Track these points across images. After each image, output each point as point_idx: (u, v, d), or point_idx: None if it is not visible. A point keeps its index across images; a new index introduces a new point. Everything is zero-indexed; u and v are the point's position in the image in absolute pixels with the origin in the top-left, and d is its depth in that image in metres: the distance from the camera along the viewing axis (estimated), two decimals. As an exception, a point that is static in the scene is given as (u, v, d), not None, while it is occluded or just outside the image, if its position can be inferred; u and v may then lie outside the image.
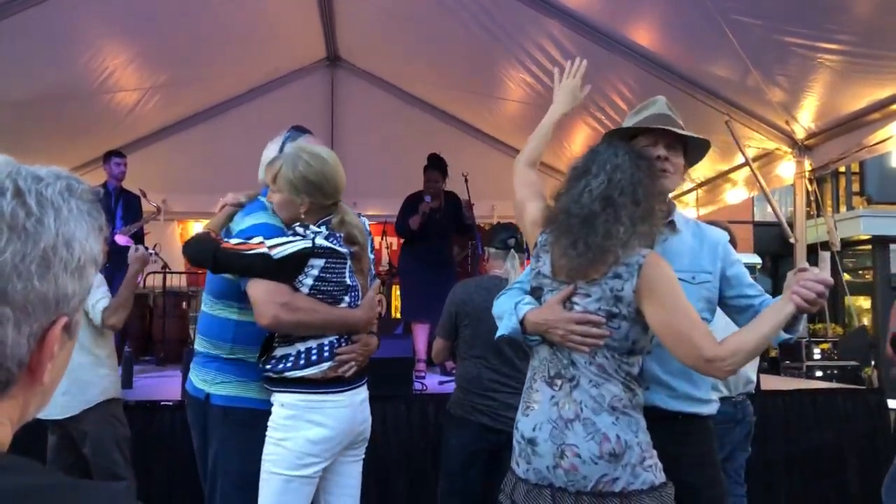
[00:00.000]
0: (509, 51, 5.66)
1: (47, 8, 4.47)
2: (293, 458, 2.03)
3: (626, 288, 1.71)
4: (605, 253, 1.71)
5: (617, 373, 1.73)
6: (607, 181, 1.76)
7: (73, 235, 0.64)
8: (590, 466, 1.66)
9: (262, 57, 6.87)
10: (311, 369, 2.07)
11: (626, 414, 1.70)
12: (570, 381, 1.74)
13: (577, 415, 1.70)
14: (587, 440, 1.67)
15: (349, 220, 2.16)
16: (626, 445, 1.67)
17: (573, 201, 1.78)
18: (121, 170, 5.88)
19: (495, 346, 2.83)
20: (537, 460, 1.73)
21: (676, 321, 1.69)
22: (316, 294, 2.07)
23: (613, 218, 1.72)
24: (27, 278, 0.61)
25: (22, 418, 0.67)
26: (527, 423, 1.79)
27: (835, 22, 3.87)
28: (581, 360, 1.74)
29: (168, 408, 3.84)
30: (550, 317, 1.76)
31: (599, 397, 1.70)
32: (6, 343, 0.61)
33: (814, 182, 5.56)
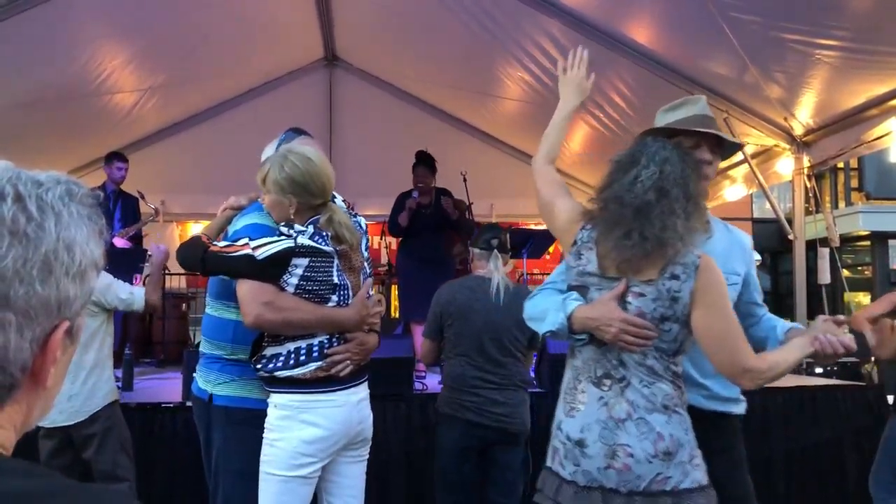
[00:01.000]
0: (508, 49, 5.66)
1: (45, 10, 4.46)
2: (288, 458, 2.04)
3: (683, 289, 1.69)
4: (663, 245, 1.68)
5: (666, 372, 1.72)
6: (659, 172, 1.72)
7: (74, 240, 0.64)
8: (644, 466, 1.64)
9: (260, 57, 6.87)
10: (301, 369, 2.07)
11: (677, 412, 1.70)
12: (619, 382, 1.71)
13: (629, 414, 1.68)
14: (641, 439, 1.66)
15: (337, 219, 2.13)
16: (679, 444, 1.67)
17: (625, 190, 1.73)
18: (121, 174, 5.88)
19: (479, 344, 2.95)
20: (586, 462, 1.70)
21: (723, 327, 1.69)
22: (302, 293, 2.07)
23: (669, 210, 1.68)
24: (29, 283, 0.61)
25: (26, 423, 0.67)
26: (573, 425, 1.74)
27: (832, 18, 3.87)
28: (631, 361, 1.71)
29: (169, 409, 3.84)
30: (605, 314, 1.70)
31: (652, 396, 1.68)
32: (9, 348, 0.61)
33: (812, 178, 5.56)
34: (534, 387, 4.41)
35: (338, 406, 2.09)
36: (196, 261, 2.13)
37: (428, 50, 6.55)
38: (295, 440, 2.04)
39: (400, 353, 3.92)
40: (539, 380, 4.43)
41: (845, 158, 5.79)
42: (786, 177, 5.65)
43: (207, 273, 2.20)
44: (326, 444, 2.07)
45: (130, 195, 5.98)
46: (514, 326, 2.97)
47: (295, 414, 2.06)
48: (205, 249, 2.12)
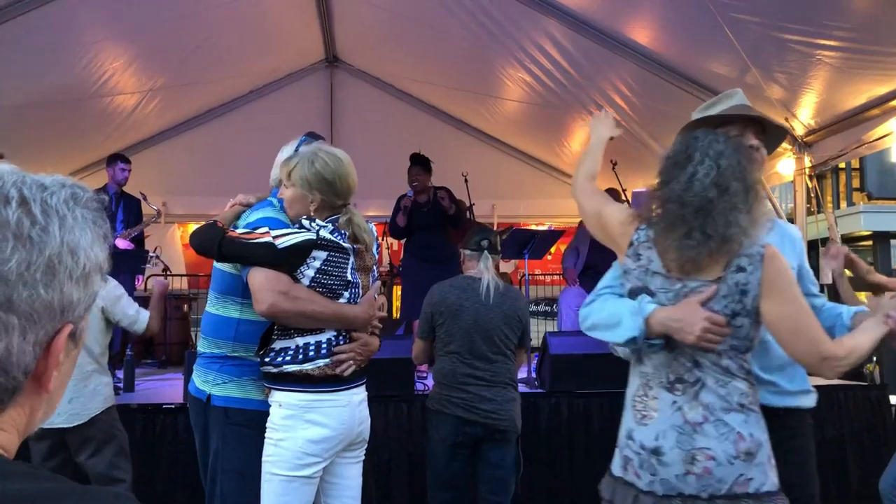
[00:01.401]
0: (508, 50, 5.66)
1: (46, 12, 4.47)
2: (292, 458, 2.04)
3: (751, 281, 1.65)
4: (727, 242, 1.64)
5: (740, 371, 1.68)
6: (716, 167, 1.67)
7: (78, 244, 0.65)
8: (726, 468, 1.60)
9: (261, 59, 6.87)
10: (309, 364, 2.08)
11: (753, 411, 1.66)
12: (693, 385, 1.67)
13: (705, 417, 1.63)
14: (721, 441, 1.61)
15: (356, 222, 2.20)
16: (759, 444, 1.63)
17: (683, 189, 1.68)
18: (125, 176, 5.87)
19: (469, 342, 3.01)
20: (664, 470, 1.64)
21: (797, 316, 1.65)
22: (316, 286, 2.09)
23: (731, 206, 1.64)
24: (32, 286, 0.61)
25: (29, 426, 0.67)
26: (647, 433, 1.69)
27: (833, 19, 3.87)
28: (707, 361, 1.67)
29: (170, 411, 3.84)
30: (689, 315, 1.65)
31: (728, 396, 1.64)
32: (12, 351, 0.61)
33: (814, 178, 5.55)
34: (535, 386, 4.42)
35: (342, 406, 2.11)
36: (213, 245, 2.10)
37: (428, 51, 6.55)
38: (300, 440, 2.04)
39: (401, 353, 3.92)
40: (540, 380, 4.43)
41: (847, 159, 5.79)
42: (787, 177, 5.64)
43: (222, 259, 2.16)
44: (331, 444, 2.08)
45: (132, 196, 5.99)
46: (503, 325, 3.05)
47: (300, 413, 2.06)
48: (222, 234, 2.10)
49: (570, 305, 5.57)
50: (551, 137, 7.36)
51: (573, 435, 4.16)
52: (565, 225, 7.34)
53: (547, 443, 4.13)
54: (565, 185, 8.09)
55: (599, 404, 4.18)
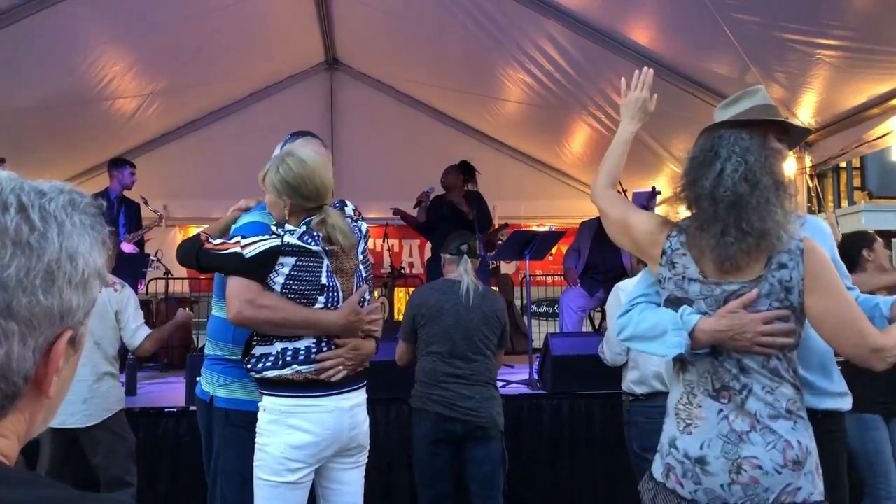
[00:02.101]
0: (508, 51, 5.66)
1: (46, 16, 4.47)
2: (275, 463, 2.04)
3: (794, 277, 1.61)
4: (766, 237, 1.61)
5: (787, 372, 1.64)
6: (744, 162, 1.64)
7: (77, 249, 0.65)
8: (773, 477, 1.56)
9: (261, 61, 6.88)
10: (289, 370, 2.07)
11: (801, 417, 1.62)
12: (739, 392, 1.63)
13: (752, 426, 1.59)
14: (768, 449, 1.57)
15: (331, 222, 2.12)
16: (807, 452, 1.60)
17: (714, 186, 1.65)
18: (133, 180, 5.89)
19: (450, 342, 3.12)
20: (709, 479, 1.61)
21: (842, 309, 1.61)
22: (288, 293, 2.07)
23: (765, 199, 1.61)
24: (32, 292, 0.61)
25: (28, 433, 0.67)
26: (692, 442, 1.65)
27: (833, 18, 3.87)
28: (754, 366, 1.63)
29: (172, 414, 3.84)
30: (735, 322, 1.61)
31: (775, 402, 1.61)
32: (12, 357, 0.61)
33: (815, 178, 5.55)
34: (537, 387, 4.42)
35: (327, 411, 2.07)
36: (192, 257, 2.18)
37: (429, 53, 6.55)
38: (282, 445, 2.03)
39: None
40: (542, 382, 4.43)
41: (847, 158, 5.78)
42: (788, 176, 5.64)
43: (202, 270, 2.22)
44: (315, 449, 2.06)
45: (133, 200, 5.99)
46: (483, 325, 3.16)
47: (282, 418, 2.05)
48: (200, 247, 2.16)
49: (572, 306, 5.56)
50: (552, 138, 7.36)
51: (575, 436, 4.16)
52: (566, 226, 7.33)
53: (549, 443, 4.13)
54: (566, 186, 8.09)
55: (601, 405, 4.18)
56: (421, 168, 7.26)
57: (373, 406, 3.82)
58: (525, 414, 4.13)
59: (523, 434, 4.09)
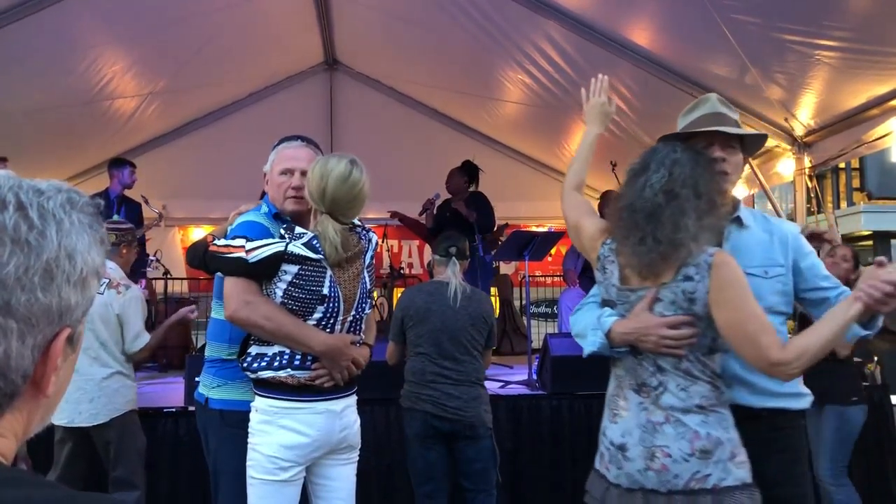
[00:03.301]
0: (507, 52, 5.66)
1: (46, 16, 4.47)
2: (267, 462, 2.07)
3: (699, 289, 1.70)
4: (676, 246, 1.70)
5: (703, 373, 1.74)
6: (668, 175, 1.75)
7: (75, 248, 0.65)
8: (681, 465, 1.67)
9: (261, 62, 6.88)
10: (283, 373, 2.10)
11: (714, 411, 1.72)
12: (656, 389, 1.75)
13: (666, 418, 1.72)
14: (677, 439, 1.69)
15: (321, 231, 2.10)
16: (717, 442, 1.69)
17: (636, 197, 1.78)
18: (133, 179, 5.90)
19: (437, 343, 3.19)
20: (628, 465, 1.74)
21: (744, 322, 1.68)
22: (288, 300, 2.09)
23: (679, 210, 1.71)
24: (30, 290, 0.61)
25: (26, 432, 0.67)
26: (615, 430, 1.80)
27: (832, 18, 3.87)
28: (668, 367, 1.74)
29: (171, 414, 3.84)
30: (640, 325, 1.75)
31: (688, 399, 1.71)
32: (10, 355, 0.61)
33: (814, 178, 5.55)
34: (536, 388, 4.42)
35: (317, 413, 2.11)
36: (199, 259, 2.24)
37: (428, 53, 6.55)
38: (274, 445, 2.07)
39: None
40: (541, 382, 4.43)
41: (846, 159, 5.78)
42: (787, 177, 5.64)
43: (210, 271, 2.27)
44: (306, 449, 2.10)
45: (133, 200, 5.98)
46: (470, 326, 3.22)
47: (274, 419, 2.09)
48: (206, 249, 2.20)
49: (571, 307, 5.54)
50: (551, 139, 7.36)
51: (574, 436, 4.16)
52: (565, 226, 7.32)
53: (548, 444, 4.13)
54: (566, 187, 8.09)
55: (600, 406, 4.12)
56: (420, 169, 7.26)
57: (372, 407, 3.86)
58: (524, 414, 4.13)
59: (523, 434, 4.09)
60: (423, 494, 3.20)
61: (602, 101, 2.27)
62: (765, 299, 1.88)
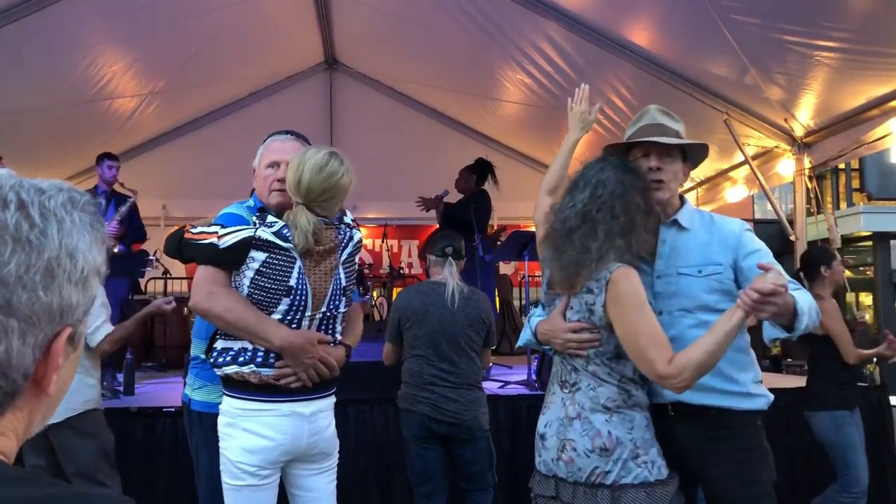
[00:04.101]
0: (507, 52, 5.67)
1: (45, 16, 4.47)
2: (232, 467, 2.02)
3: (597, 302, 1.85)
4: (579, 267, 1.85)
5: (610, 376, 1.86)
6: (589, 197, 1.89)
7: (77, 246, 0.65)
8: (583, 459, 1.81)
9: (260, 61, 6.88)
10: (247, 368, 2.02)
11: (619, 412, 1.84)
12: (573, 386, 1.90)
13: (578, 414, 1.86)
14: (582, 435, 1.83)
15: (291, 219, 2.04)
16: (618, 441, 1.80)
17: (558, 218, 1.95)
18: (112, 173, 5.70)
19: (435, 345, 3.16)
20: (545, 453, 1.92)
21: (635, 336, 1.78)
22: (254, 290, 2.02)
23: (590, 232, 1.86)
24: (32, 289, 0.61)
25: (28, 431, 0.67)
26: (542, 421, 1.98)
27: (832, 19, 3.87)
28: (579, 367, 1.90)
29: (170, 414, 3.83)
30: (550, 327, 1.95)
31: (595, 398, 1.85)
32: (11, 354, 0.61)
33: (813, 179, 5.56)
34: (536, 388, 4.42)
35: (282, 415, 2.02)
36: (174, 247, 2.16)
37: (428, 53, 6.56)
38: (237, 449, 2.01)
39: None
40: (540, 383, 4.42)
41: (846, 159, 5.79)
42: (787, 178, 5.65)
43: (185, 260, 2.19)
44: (271, 454, 2.02)
45: (124, 195, 5.85)
46: (467, 327, 3.20)
47: (237, 422, 2.02)
48: (181, 237, 2.13)
49: (570, 307, 5.56)
50: (550, 139, 7.35)
51: (574, 437, 4.16)
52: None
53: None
54: (565, 187, 8.11)
55: (600, 406, 4.17)
56: (420, 168, 7.27)
57: (370, 407, 3.85)
58: (523, 415, 4.13)
59: (522, 435, 4.09)
60: (422, 495, 3.19)
61: (583, 110, 2.44)
62: (698, 298, 1.99)
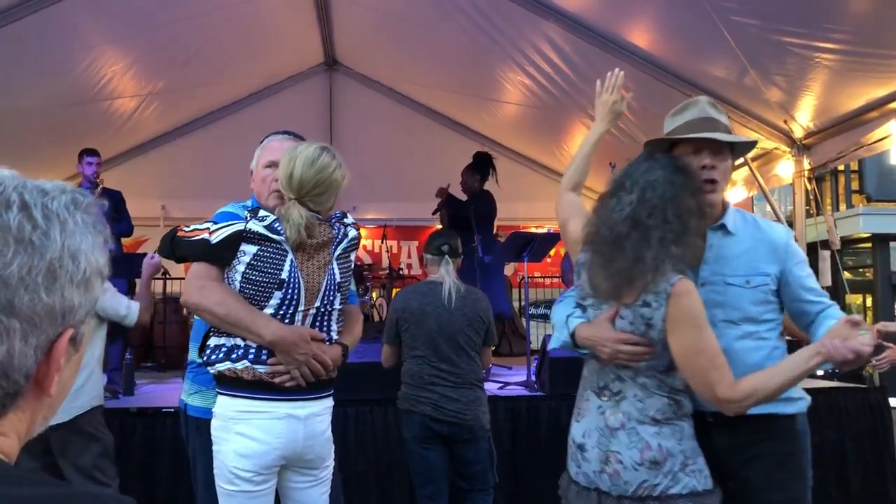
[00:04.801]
0: (507, 53, 5.67)
1: (45, 16, 4.47)
2: (226, 471, 1.98)
3: (655, 316, 1.72)
4: (632, 278, 1.72)
5: (660, 389, 1.76)
6: (637, 201, 1.73)
7: (79, 248, 0.65)
8: (631, 472, 1.72)
9: (260, 62, 6.88)
10: (240, 365, 1.98)
11: (669, 423, 1.74)
12: (616, 395, 1.79)
13: (622, 424, 1.76)
14: (629, 448, 1.73)
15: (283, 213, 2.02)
16: (668, 453, 1.72)
17: (603, 222, 1.79)
18: (93, 170, 5.54)
19: (434, 345, 3.14)
20: (586, 465, 1.80)
21: (694, 356, 1.69)
22: (246, 284, 1.99)
23: (642, 240, 1.70)
24: (34, 290, 0.62)
25: (29, 432, 0.67)
26: (577, 429, 1.87)
27: (831, 21, 3.88)
28: (627, 377, 1.78)
29: (170, 415, 3.83)
30: (599, 335, 1.80)
31: (644, 410, 1.75)
32: (13, 355, 0.61)
33: (813, 181, 5.55)
34: (535, 389, 4.42)
35: (277, 418, 1.97)
36: (167, 246, 2.14)
37: (428, 54, 6.56)
38: (230, 454, 1.96)
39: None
40: (540, 383, 4.43)
41: (845, 161, 5.80)
42: (786, 179, 5.65)
43: (178, 259, 2.16)
44: (265, 458, 1.96)
45: (112, 191, 5.72)
46: (466, 326, 3.17)
47: (230, 425, 1.98)
48: (173, 235, 2.12)
49: (570, 308, 5.55)
50: (550, 140, 7.37)
51: (573, 438, 4.15)
52: (564, 227, 7.33)
53: (546, 445, 4.13)
54: (565, 188, 8.10)
55: (599, 407, 4.17)
56: (420, 169, 7.26)
57: (370, 407, 3.85)
58: (523, 416, 4.13)
59: (521, 436, 4.09)
60: (426, 496, 3.17)
61: (614, 99, 2.20)
62: (746, 310, 1.87)
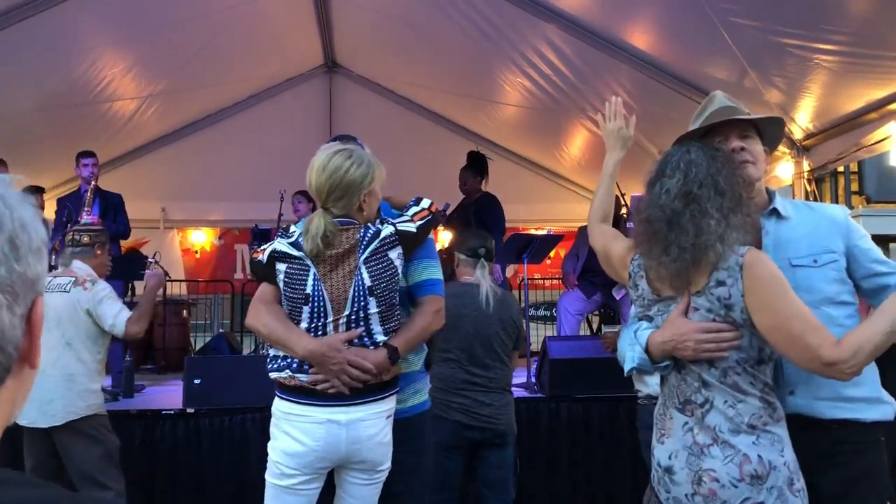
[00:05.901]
0: (507, 55, 5.67)
1: (46, 18, 4.48)
2: (273, 466, 2.09)
3: (733, 294, 1.59)
4: (703, 251, 1.60)
5: (753, 386, 1.62)
6: (683, 178, 1.66)
7: (25, 219, 0.66)
8: (729, 490, 1.56)
9: (260, 64, 6.88)
10: (285, 374, 2.09)
11: (767, 431, 1.59)
12: (701, 406, 1.64)
13: (714, 439, 1.60)
14: (725, 463, 1.57)
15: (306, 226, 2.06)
16: (771, 466, 1.56)
17: (652, 206, 1.70)
18: (89, 171, 5.45)
19: (468, 348, 3.06)
20: (675, 489, 1.65)
21: (786, 323, 1.54)
22: (285, 304, 2.13)
23: (700, 212, 1.61)
24: (4, 262, 0.63)
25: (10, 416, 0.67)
26: (662, 452, 1.71)
27: (831, 23, 3.87)
28: (713, 381, 1.63)
29: (169, 416, 3.83)
30: (675, 331, 1.65)
31: (737, 417, 1.60)
32: (3, 327, 0.62)
33: (812, 182, 5.55)
34: (535, 390, 4.41)
35: (317, 423, 2.02)
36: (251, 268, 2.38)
37: (428, 56, 6.56)
38: (278, 450, 2.08)
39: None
40: (539, 385, 4.42)
41: (845, 162, 5.79)
42: (786, 181, 5.64)
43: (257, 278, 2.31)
44: (306, 459, 2.03)
45: (112, 193, 5.70)
46: (501, 331, 3.11)
47: (279, 423, 2.09)
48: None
49: (570, 310, 5.57)
50: (550, 142, 7.37)
51: (573, 439, 4.16)
52: (564, 229, 7.34)
53: (547, 447, 4.13)
54: (564, 190, 8.10)
55: (599, 409, 4.17)
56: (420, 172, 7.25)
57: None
58: (523, 417, 4.12)
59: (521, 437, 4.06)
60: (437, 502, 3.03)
61: (619, 126, 2.18)
62: (820, 290, 1.75)
